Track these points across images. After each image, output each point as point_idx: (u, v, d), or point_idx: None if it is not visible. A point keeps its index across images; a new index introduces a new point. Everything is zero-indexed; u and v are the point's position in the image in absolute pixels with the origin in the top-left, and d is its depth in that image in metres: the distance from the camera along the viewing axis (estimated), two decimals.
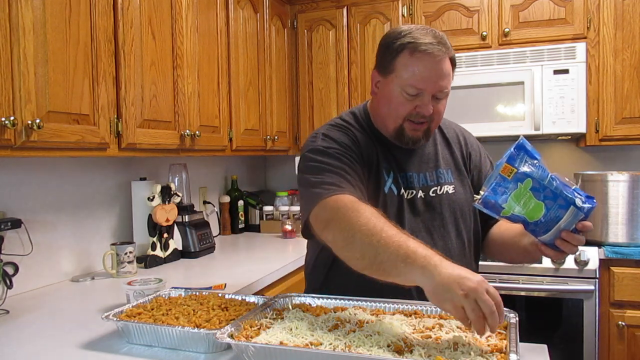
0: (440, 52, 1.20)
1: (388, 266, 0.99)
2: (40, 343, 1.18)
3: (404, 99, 1.24)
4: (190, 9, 2.02)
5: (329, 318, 1.07)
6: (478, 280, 0.89)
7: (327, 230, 1.11)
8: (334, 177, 1.18)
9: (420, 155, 1.34)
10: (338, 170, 1.19)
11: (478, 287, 0.88)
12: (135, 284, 1.36)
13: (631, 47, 2.42)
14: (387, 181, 1.28)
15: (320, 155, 1.24)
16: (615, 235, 2.26)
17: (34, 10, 1.33)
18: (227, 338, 0.95)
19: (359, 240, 1.03)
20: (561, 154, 2.89)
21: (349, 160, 1.23)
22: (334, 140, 1.27)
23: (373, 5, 2.82)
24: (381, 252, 0.99)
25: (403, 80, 1.22)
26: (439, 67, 1.21)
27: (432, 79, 1.21)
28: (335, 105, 2.93)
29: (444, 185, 1.33)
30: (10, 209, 1.65)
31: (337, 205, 1.10)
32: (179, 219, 2.22)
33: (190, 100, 2.02)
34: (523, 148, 1.00)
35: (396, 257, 0.97)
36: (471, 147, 1.41)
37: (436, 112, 1.26)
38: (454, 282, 0.89)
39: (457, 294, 0.88)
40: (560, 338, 2.24)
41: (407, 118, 1.25)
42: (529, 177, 0.98)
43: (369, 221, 1.04)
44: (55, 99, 1.40)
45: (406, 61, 1.22)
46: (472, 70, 2.58)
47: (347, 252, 1.08)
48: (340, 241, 1.09)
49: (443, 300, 0.91)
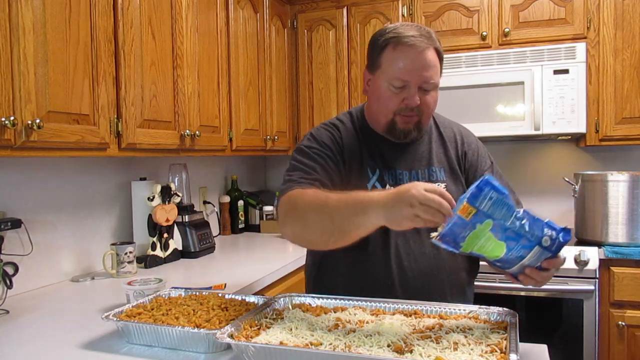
0: (422, 43, 1.23)
1: (346, 225, 1.05)
2: (40, 343, 1.18)
3: (391, 93, 1.26)
4: (190, 9, 2.02)
5: (329, 318, 1.07)
6: (410, 186, 0.96)
7: (285, 225, 1.18)
8: (300, 174, 1.24)
9: (413, 153, 1.35)
10: (308, 170, 1.25)
11: (415, 193, 0.95)
12: (135, 284, 1.36)
13: (631, 47, 2.42)
14: (371, 179, 1.31)
15: (299, 154, 1.31)
16: (615, 235, 2.26)
17: (34, 10, 1.33)
18: (227, 338, 0.95)
19: (312, 218, 1.10)
20: (561, 154, 2.89)
21: (322, 158, 1.28)
22: (316, 139, 1.33)
23: (373, 5, 2.82)
24: (335, 216, 1.06)
25: (388, 74, 1.26)
26: (422, 57, 1.23)
27: (415, 70, 1.23)
28: (335, 105, 2.93)
29: (435, 183, 1.33)
30: (10, 209, 1.65)
31: (289, 199, 1.18)
32: (179, 219, 2.22)
33: (190, 100, 2.02)
34: (488, 184, 0.92)
35: (348, 213, 1.04)
36: (468, 146, 1.40)
37: (424, 104, 1.27)
38: (396, 203, 0.96)
39: (405, 210, 0.95)
40: (560, 338, 2.24)
41: (397, 112, 1.27)
42: (489, 218, 0.92)
43: (314, 199, 1.11)
44: (55, 99, 1.40)
45: (390, 55, 1.26)
46: (472, 70, 2.58)
47: (308, 235, 1.14)
48: (298, 228, 1.15)
49: (400, 221, 0.97)
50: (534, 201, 2.88)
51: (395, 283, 1.28)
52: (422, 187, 0.96)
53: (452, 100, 2.58)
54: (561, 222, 0.99)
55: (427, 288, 1.28)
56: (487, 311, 1.09)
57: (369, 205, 1.00)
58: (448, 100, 2.58)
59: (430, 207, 0.93)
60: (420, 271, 1.28)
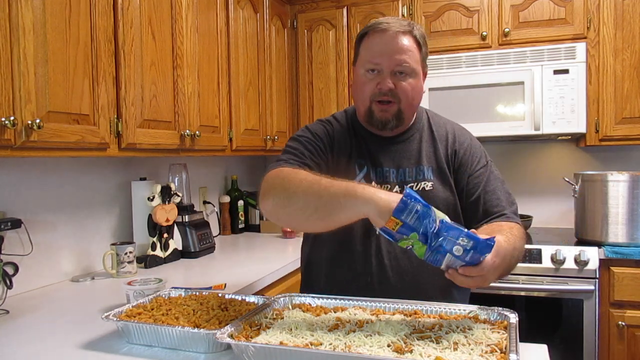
0: (394, 27, 1.25)
1: (333, 206, 1.04)
2: (40, 343, 1.18)
3: (366, 79, 1.29)
4: (190, 9, 2.02)
5: (329, 318, 1.07)
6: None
7: (267, 197, 1.15)
8: (288, 156, 1.27)
9: (402, 151, 1.36)
10: (295, 152, 1.29)
11: None
12: (135, 284, 1.36)
13: (631, 47, 2.42)
14: (357, 175, 1.33)
15: (292, 141, 1.35)
16: (615, 235, 2.26)
17: (34, 10, 1.33)
18: (227, 338, 0.95)
19: (301, 192, 1.09)
20: (561, 154, 2.89)
21: (314, 148, 1.31)
22: (310, 131, 1.37)
23: (373, 5, 2.82)
24: (323, 194, 1.05)
25: (363, 61, 1.29)
26: (395, 41, 1.25)
27: (387, 52, 1.25)
28: (335, 105, 2.93)
29: (421, 181, 1.33)
30: (10, 209, 1.65)
31: (276, 175, 1.17)
32: (179, 219, 2.22)
33: (190, 100, 2.02)
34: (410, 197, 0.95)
35: (337, 195, 1.03)
36: (460, 145, 1.38)
37: (401, 90, 1.27)
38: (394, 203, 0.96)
39: None
40: (560, 338, 2.24)
41: (372, 99, 1.29)
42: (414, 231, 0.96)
43: (307, 177, 1.11)
44: (55, 99, 1.40)
45: (366, 43, 1.30)
46: (472, 70, 2.58)
47: (290, 207, 1.11)
48: (281, 200, 1.13)
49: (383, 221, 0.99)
50: (534, 201, 2.88)
51: (374, 279, 1.29)
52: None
53: (452, 100, 2.58)
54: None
55: (407, 287, 1.29)
56: (487, 311, 1.09)
57: (362, 195, 1.01)
58: (448, 100, 2.58)
59: None
60: (400, 269, 1.29)
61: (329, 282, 1.35)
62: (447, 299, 1.31)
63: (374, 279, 1.29)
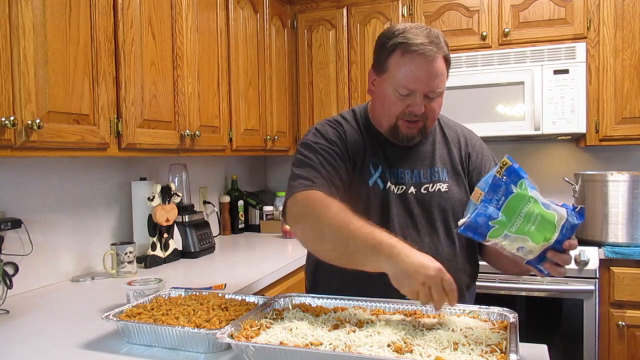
0: (431, 52, 1.21)
1: (357, 256, 1.06)
2: (40, 343, 1.18)
3: (396, 99, 1.26)
4: (190, 9, 2.02)
5: (329, 318, 1.07)
6: (435, 268, 0.97)
7: (298, 224, 1.19)
8: (312, 172, 1.24)
9: (416, 153, 1.36)
10: (317, 166, 1.25)
11: (435, 276, 0.96)
12: (135, 284, 1.36)
13: (631, 47, 2.42)
14: (373, 175, 1.32)
15: (306, 149, 1.30)
16: (615, 235, 2.26)
17: (34, 10, 1.33)
18: (227, 338, 0.95)
19: (329, 233, 1.10)
20: (561, 154, 2.89)
21: (331, 155, 1.28)
22: (323, 135, 1.33)
23: (373, 5, 2.82)
24: (350, 243, 1.06)
25: (395, 81, 1.25)
26: (430, 67, 1.22)
27: (423, 79, 1.22)
28: (335, 105, 2.93)
29: (437, 183, 1.33)
30: (10, 209, 1.65)
31: (308, 201, 1.17)
32: (179, 219, 2.22)
33: (190, 100, 2.02)
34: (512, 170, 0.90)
35: (364, 247, 1.04)
36: (472, 148, 1.41)
37: (430, 111, 1.27)
38: (414, 270, 0.97)
39: (415, 281, 0.97)
40: (560, 338, 2.24)
41: (400, 117, 1.27)
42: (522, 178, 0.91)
43: (337, 215, 1.10)
44: (55, 99, 1.40)
45: (398, 61, 1.24)
46: (472, 70, 2.58)
47: (318, 245, 1.16)
48: (311, 234, 1.16)
49: (402, 285, 0.99)
50: None
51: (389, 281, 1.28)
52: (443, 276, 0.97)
53: (452, 100, 2.58)
54: None
55: None
56: (487, 311, 1.09)
57: (388, 252, 1.01)
58: (448, 100, 2.55)
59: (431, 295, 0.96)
60: None
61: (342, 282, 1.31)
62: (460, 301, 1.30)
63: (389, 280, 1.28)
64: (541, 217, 0.91)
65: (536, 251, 0.95)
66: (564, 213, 0.93)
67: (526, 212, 0.92)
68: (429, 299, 0.97)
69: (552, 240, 0.93)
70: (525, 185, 0.92)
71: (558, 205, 0.94)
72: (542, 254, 0.96)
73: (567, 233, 0.94)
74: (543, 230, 0.92)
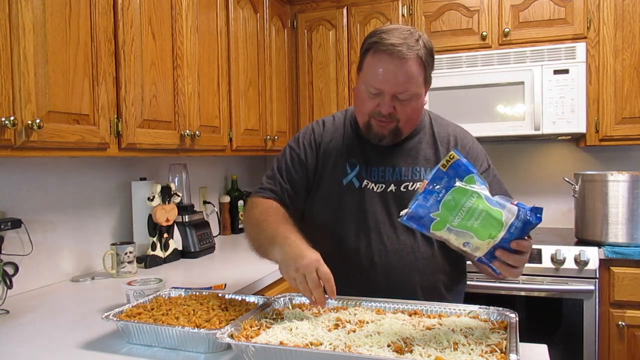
0: (400, 53, 1.20)
1: (264, 247, 1.23)
2: (40, 343, 1.18)
3: (368, 97, 1.28)
4: (190, 9, 2.02)
5: (329, 318, 1.07)
6: (311, 258, 1.07)
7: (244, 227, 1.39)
8: (271, 178, 1.41)
9: (399, 151, 1.36)
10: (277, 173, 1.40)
11: (309, 265, 1.06)
12: (135, 284, 1.36)
13: (631, 47, 2.42)
14: (348, 175, 1.35)
15: (282, 155, 1.44)
16: (615, 235, 2.25)
17: (34, 10, 1.33)
18: (227, 338, 0.95)
19: (252, 230, 1.32)
20: (561, 154, 2.89)
21: (293, 162, 1.40)
22: (298, 141, 1.43)
23: (373, 5, 2.82)
24: (261, 236, 1.25)
25: (366, 79, 1.27)
26: (398, 69, 1.21)
27: (389, 80, 1.22)
28: (335, 105, 2.93)
29: (417, 182, 1.33)
30: (10, 209, 1.65)
31: (249, 206, 1.38)
32: (179, 219, 2.22)
33: (190, 100, 2.02)
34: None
35: (266, 239, 1.21)
36: (462, 147, 1.38)
37: (402, 113, 1.26)
38: (291, 259, 1.09)
39: (290, 269, 1.08)
40: (560, 338, 2.24)
41: (371, 115, 1.29)
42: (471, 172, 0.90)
43: (260, 214, 1.30)
44: (55, 99, 1.40)
45: (369, 61, 1.26)
46: (472, 70, 2.58)
47: (249, 242, 1.33)
48: (247, 234, 1.36)
49: (284, 273, 1.12)
50: (534, 201, 2.87)
51: (364, 276, 1.30)
52: (318, 266, 1.06)
53: (452, 100, 2.58)
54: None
55: (395, 285, 1.28)
56: (487, 311, 1.09)
57: (279, 244, 1.15)
58: (448, 100, 2.58)
59: (307, 283, 1.06)
60: (390, 267, 1.29)
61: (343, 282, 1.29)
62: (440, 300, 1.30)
63: (363, 275, 1.30)
64: (486, 213, 0.89)
65: (483, 248, 0.92)
66: (515, 211, 0.90)
67: (469, 207, 0.89)
68: (305, 287, 1.06)
69: (497, 238, 0.90)
70: (474, 180, 0.90)
71: (512, 204, 0.91)
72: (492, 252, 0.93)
73: (515, 232, 0.91)
74: (488, 227, 0.89)
